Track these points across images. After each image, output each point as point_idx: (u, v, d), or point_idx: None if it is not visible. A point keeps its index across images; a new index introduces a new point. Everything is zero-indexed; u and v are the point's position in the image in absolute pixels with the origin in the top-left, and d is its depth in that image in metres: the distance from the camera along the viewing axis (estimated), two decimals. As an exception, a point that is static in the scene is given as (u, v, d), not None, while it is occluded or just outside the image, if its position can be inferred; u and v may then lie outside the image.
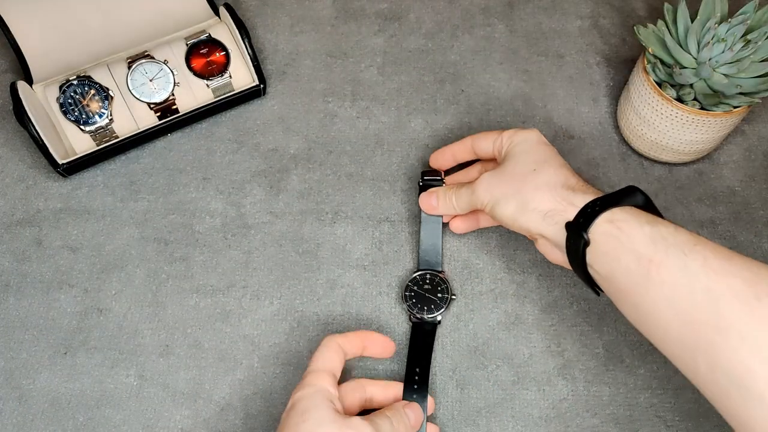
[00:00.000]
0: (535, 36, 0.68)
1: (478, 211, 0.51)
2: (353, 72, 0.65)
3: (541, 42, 0.67)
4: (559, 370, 0.50)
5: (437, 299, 0.51)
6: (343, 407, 0.41)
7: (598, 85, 0.64)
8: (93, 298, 0.53)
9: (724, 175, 0.59)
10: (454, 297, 0.52)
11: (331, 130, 0.62)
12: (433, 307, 0.51)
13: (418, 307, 0.51)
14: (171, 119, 0.59)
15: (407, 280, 0.52)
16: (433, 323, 0.51)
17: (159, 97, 0.59)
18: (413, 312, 0.51)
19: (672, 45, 0.53)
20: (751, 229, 0.56)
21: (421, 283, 0.52)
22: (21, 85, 0.55)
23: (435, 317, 0.51)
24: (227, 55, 0.60)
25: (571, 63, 0.66)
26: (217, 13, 0.63)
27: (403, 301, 0.52)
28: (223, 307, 0.53)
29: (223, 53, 0.60)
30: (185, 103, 0.60)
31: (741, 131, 0.61)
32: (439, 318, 0.51)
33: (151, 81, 0.58)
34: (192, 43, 0.60)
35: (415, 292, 0.52)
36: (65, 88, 0.57)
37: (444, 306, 0.51)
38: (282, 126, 0.62)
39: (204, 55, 0.60)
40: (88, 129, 0.57)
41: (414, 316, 0.51)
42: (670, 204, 0.57)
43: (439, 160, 0.56)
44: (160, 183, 0.59)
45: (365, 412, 0.44)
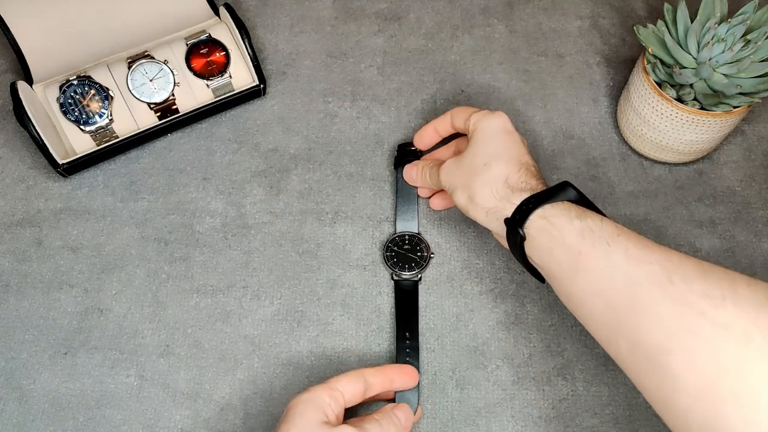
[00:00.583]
0: (535, 36, 0.68)
1: None
2: (353, 72, 0.65)
3: (541, 42, 0.67)
4: (559, 370, 0.50)
5: (417, 258, 0.54)
6: (344, 401, 0.42)
7: (598, 85, 0.65)
8: (93, 298, 0.53)
9: (724, 175, 0.59)
10: (432, 255, 0.54)
11: (331, 130, 0.62)
12: (413, 265, 0.53)
13: (400, 266, 0.53)
14: (171, 119, 0.59)
15: (387, 242, 0.55)
16: (414, 281, 0.53)
17: (159, 97, 0.59)
18: (395, 270, 0.53)
19: (672, 45, 0.53)
20: (751, 229, 0.56)
21: (400, 243, 0.55)
22: (21, 85, 0.55)
23: (416, 275, 0.53)
24: (227, 55, 0.60)
25: (571, 63, 0.66)
26: (217, 13, 0.63)
27: (385, 261, 0.54)
28: (224, 307, 0.53)
29: (223, 53, 0.60)
30: (185, 103, 0.60)
31: (741, 131, 0.61)
32: (419, 276, 0.53)
33: (151, 81, 0.58)
34: (192, 43, 0.60)
35: (395, 252, 0.54)
36: (65, 88, 0.57)
37: (424, 264, 0.54)
38: (282, 126, 0.62)
39: (204, 55, 0.60)
40: (88, 129, 0.57)
41: (396, 274, 0.53)
42: (670, 204, 0.57)
43: (424, 138, 0.57)
44: (160, 183, 0.59)
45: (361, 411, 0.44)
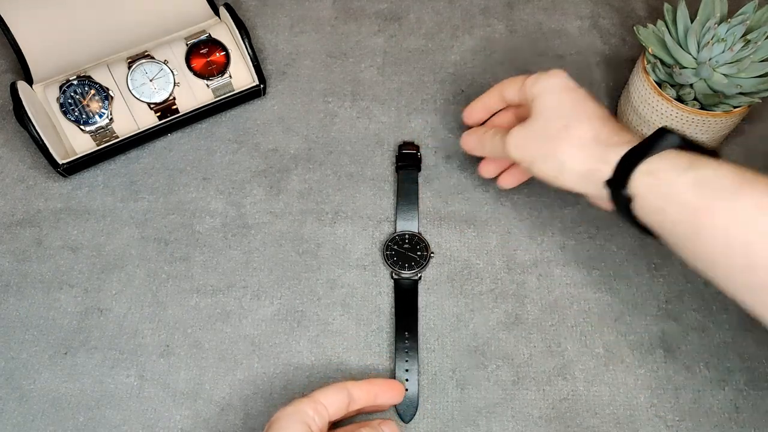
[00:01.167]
0: (535, 36, 0.68)
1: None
2: (353, 72, 0.65)
3: (541, 42, 0.67)
4: (559, 370, 0.50)
5: (417, 257, 0.54)
6: (328, 414, 0.41)
7: (598, 85, 0.64)
8: (93, 298, 0.53)
9: (724, 175, 0.59)
10: (433, 254, 0.54)
11: (331, 130, 0.62)
12: (413, 264, 0.53)
13: (399, 265, 0.53)
14: (171, 119, 0.59)
15: (386, 241, 0.55)
16: (414, 280, 0.53)
17: (159, 97, 0.59)
18: (395, 269, 0.53)
19: (672, 45, 0.53)
20: (751, 229, 0.56)
21: (400, 242, 0.55)
22: (21, 85, 0.55)
23: (415, 274, 0.53)
24: (227, 55, 0.60)
25: (571, 63, 0.66)
26: (217, 13, 0.63)
27: (385, 260, 0.54)
28: (224, 307, 0.53)
29: (223, 53, 0.60)
30: (185, 103, 0.60)
31: (741, 131, 0.61)
32: (419, 275, 0.53)
33: (151, 81, 0.58)
34: (192, 43, 0.60)
35: (395, 251, 0.54)
36: (65, 88, 0.57)
37: (424, 263, 0.53)
38: (282, 126, 0.62)
39: (204, 55, 0.60)
40: (88, 129, 0.57)
41: (396, 273, 0.53)
42: (670, 204, 0.57)
43: (473, 115, 0.55)
44: (160, 183, 0.59)
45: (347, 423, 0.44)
